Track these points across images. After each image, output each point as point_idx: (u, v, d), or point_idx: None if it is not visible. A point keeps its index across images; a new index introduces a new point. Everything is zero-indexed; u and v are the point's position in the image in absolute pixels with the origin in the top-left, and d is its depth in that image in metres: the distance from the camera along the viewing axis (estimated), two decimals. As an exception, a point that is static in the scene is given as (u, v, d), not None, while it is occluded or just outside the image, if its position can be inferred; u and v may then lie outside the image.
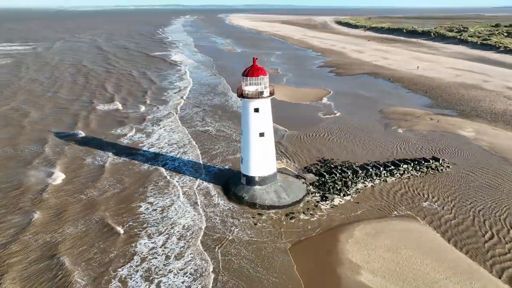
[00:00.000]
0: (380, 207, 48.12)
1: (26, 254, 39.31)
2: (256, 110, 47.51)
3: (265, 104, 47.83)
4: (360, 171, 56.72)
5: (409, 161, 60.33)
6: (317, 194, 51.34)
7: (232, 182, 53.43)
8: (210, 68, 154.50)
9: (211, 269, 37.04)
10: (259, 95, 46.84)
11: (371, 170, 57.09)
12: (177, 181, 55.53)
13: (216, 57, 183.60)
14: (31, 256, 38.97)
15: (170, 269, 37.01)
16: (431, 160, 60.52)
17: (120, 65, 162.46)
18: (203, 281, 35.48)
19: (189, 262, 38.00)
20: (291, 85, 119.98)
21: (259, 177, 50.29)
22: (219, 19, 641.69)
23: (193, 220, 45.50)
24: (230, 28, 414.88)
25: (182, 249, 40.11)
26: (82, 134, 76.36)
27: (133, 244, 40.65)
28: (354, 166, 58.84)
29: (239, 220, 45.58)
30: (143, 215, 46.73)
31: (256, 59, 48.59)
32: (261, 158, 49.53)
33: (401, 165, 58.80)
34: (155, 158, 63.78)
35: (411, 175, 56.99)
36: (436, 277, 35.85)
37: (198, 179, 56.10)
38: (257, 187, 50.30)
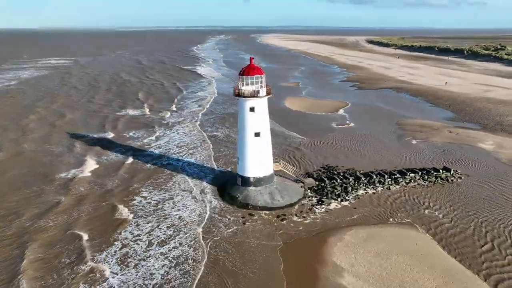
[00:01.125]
0: (378, 213, 45.94)
1: (50, 227, 43.23)
2: (252, 109, 47.36)
3: (261, 104, 47.61)
4: (363, 178, 54.71)
5: (417, 171, 57.56)
6: (313, 198, 49.89)
7: (230, 183, 53.03)
8: (235, 80, 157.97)
9: (192, 259, 36.58)
10: (254, 94, 46.77)
11: (374, 177, 54.95)
12: (178, 179, 56.34)
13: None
14: (54, 230, 42.64)
15: (151, 254, 37.58)
16: (441, 170, 57.44)
17: (154, 76, 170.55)
18: (183, 267, 35.16)
19: (173, 249, 38.73)
20: (309, 97, 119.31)
21: (254, 178, 49.64)
22: (252, 38, 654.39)
23: (183, 214, 45.63)
24: (259, 46, 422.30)
25: (166, 237, 40.88)
26: (110, 134, 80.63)
27: (124, 229, 42.03)
28: (358, 173, 56.88)
29: (228, 218, 44.96)
30: (136, 206, 47.79)
31: (253, 58, 48.74)
32: (256, 159, 48.99)
33: (408, 174, 56.22)
34: (164, 157, 65.50)
35: (418, 184, 54.24)
36: (425, 285, 33.36)
37: (198, 179, 56.25)
38: (251, 188, 49.60)
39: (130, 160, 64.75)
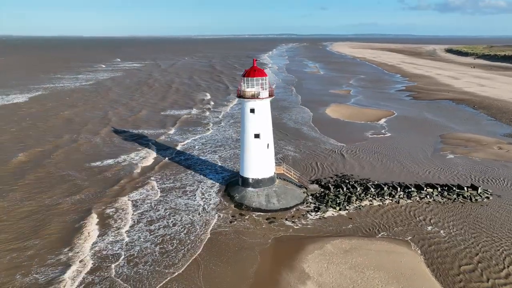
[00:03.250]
0: (372, 226, 43.21)
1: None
2: (252, 110, 47.86)
3: (261, 106, 47.88)
4: (372, 189, 51.77)
5: (437, 186, 52.79)
6: (312, 205, 48.57)
7: (233, 182, 53.92)
8: (290, 84, 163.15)
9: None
10: (254, 96, 47.24)
11: (385, 189, 51.66)
12: (189, 174, 59.16)
13: (299, 77, 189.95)
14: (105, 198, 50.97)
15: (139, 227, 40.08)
16: (466, 188, 51.95)
17: (220, 79, 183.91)
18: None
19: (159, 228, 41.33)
20: (354, 106, 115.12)
21: (252, 179, 49.89)
22: (322, 46, 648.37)
23: (182, 202, 49.14)
24: (326, 53, 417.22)
25: (158, 216, 44.54)
26: (172, 130, 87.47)
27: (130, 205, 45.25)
28: (369, 183, 53.92)
29: (219, 215, 45.81)
30: (147, 191, 52.77)
31: (256, 60, 49.24)
32: (255, 160, 49.25)
33: (425, 189, 51.83)
34: (188, 153, 68.48)
35: (433, 200, 49.73)
36: (391, 304, 30.83)
37: (205, 176, 58.04)
38: (250, 189, 49.90)
39: (157, 154, 69.04)
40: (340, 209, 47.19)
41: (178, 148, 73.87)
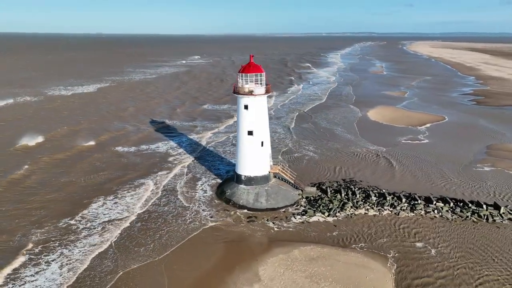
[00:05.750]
0: (354, 236, 40.09)
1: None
2: (246, 107, 47.25)
3: (255, 102, 46.95)
4: (374, 198, 47.92)
5: (451, 200, 47.00)
6: (301, 208, 46.57)
7: (231, 178, 53.83)
8: (349, 84, 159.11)
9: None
10: (248, 92, 46.55)
11: (388, 199, 47.46)
12: (191, 164, 60.40)
13: (360, 77, 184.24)
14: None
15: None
16: (485, 206, 45.46)
17: (280, 75, 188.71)
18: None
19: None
20: (402, 109, 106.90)
21: (245, 176, 49.31)
22: (399, 45, 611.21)
23: (169, 190, 51.12)
24: (400, 53, 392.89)
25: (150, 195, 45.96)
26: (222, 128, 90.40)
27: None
28: (372, 191, 49.95)
29: (203, 209, 46.21)
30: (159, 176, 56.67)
31: (253, 56, 48.38)
32: (247, 157, 48.59)
33: (434, 202, 46.50)
34: (204, 143, 69.99)
35: (440, 216, 44.43)
36: (333, 321, 28.46)
37: (209, 169, 58.85)
38: (242, 186, 49.43)
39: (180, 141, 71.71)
40: (328, 215, 44.55)
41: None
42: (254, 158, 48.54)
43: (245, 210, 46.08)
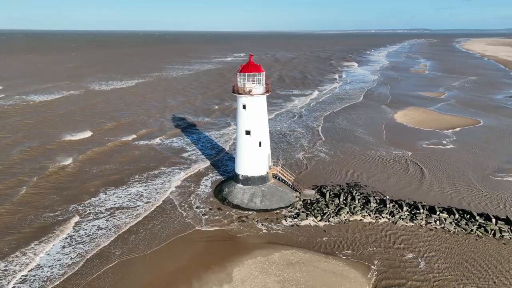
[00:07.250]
0: (341, 243, 38.74)
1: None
2: (244, 106, 47.20)
3: (253, 102, 46.72)
4: (374, 204, 45.96)
5: (457, 212, 43.89)
6: (294, 210, 45.78)
7: (231, 177, 54.04)
8: (387, 83, 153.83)
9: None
10: (246, 91, 46.42)
11: (388, 206, 45.31)
12: (198, 159, 61.32)
13: (401, 76, 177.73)
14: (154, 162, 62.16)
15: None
16: (494, 219, 41.95)
17: (321, 72, 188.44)
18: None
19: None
20: (435, 111, 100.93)
21: (242, 175, 49.31)
22: (450, 43, 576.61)
23: (167, 186, 52.71)
24: (449, 51, 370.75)
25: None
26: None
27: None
28: (372, 197, 47.85)
29: (198, 206, 46.85)
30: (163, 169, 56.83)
31: (252, 55, 48.08)
32: (245, 157, 48.53)
33: (438, 213, 43.68)
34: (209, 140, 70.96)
35: (443, 227, 41.66)
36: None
37: (214, 168, 59.52)
38: (239, 185, 49.51)
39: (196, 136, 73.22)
40: (321, 220, 43.42)
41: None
42: (252, 158, 48.38)
43: (238, 210, 46.14)
